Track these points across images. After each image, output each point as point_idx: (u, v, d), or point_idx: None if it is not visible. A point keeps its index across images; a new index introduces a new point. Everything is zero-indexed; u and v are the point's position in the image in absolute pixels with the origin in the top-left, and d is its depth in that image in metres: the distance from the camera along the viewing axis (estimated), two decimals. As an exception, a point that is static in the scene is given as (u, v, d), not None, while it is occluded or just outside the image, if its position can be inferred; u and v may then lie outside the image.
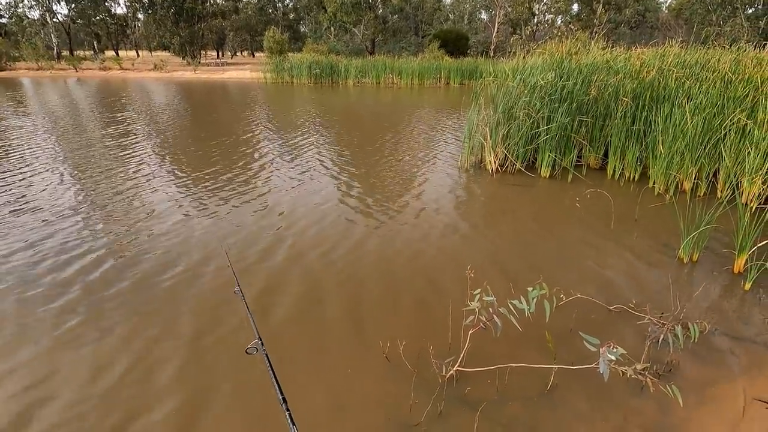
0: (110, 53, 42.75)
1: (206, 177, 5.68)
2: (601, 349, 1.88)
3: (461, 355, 2.20)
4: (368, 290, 3.08)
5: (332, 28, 32.87)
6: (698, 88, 5.29)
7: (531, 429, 1.97)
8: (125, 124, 9.79)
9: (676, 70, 5.75)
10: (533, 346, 2.46)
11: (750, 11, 25.25)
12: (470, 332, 2.15)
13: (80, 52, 41.91)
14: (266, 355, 1.57)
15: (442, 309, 2.78)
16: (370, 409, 2.07)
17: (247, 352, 1.59)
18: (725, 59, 5.91)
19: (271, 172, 6.01)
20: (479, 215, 4.62)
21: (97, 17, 42.12)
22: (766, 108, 4.71)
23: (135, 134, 8.53)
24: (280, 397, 1.36)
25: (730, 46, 6.82)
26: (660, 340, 2.35)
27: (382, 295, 3.02)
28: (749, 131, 4.75)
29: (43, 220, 4.18)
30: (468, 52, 30.90)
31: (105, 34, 43.64)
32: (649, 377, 1.93)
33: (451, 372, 2.19)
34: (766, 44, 6.86)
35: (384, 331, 2.60)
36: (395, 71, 22.27)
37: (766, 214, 3.44)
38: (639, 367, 1.98)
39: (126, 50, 51.16)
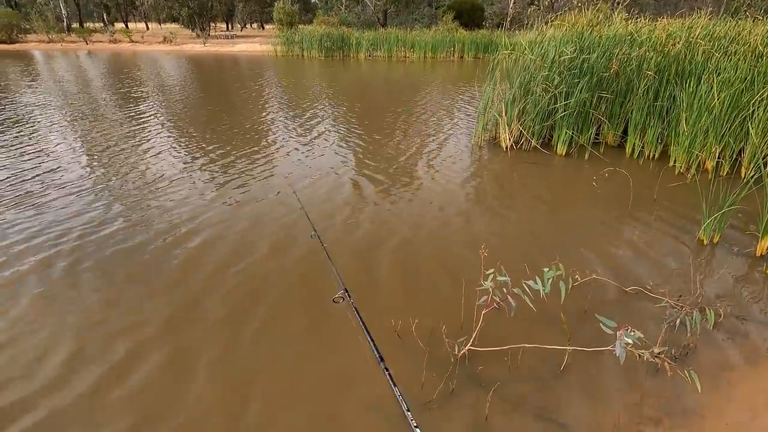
0: (119, 25, 42.34)
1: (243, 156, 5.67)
2: (618, 332, 1.84)
3: (474, 335, 2.18)
4: (377, 267, 3.06)
5: (343, -1, 32.01)
6: (727, 62, 5.04)
7: (543, 409, 1.96)
8: (148, 100, 9.77)
9: (703, 43, 5.48)
10: (547, 327, 2.44)
11: (784, -20, 23.85)
12: (483, 312, 2.12)
13: (90, 24, 41.58)
14: (354, 306, 1.62)
15: (454, 288, 2.76)
16: (380, 385, 2.07)
17: (334, 301, 1.65)
18: (757, 31, 5.61)
19: (285, 141, 5.96)
20: (493, 193, 4.54)
21: (106, -12, 41.52)
22: (799, 83, 4.48)
23: (162, 112, 8.51)
24: (378, 356, 1.40)
25: (763, 17, 6.45)
26: (677, 323, 2.31)
27: (391, 273, 3.00)
28: (779, 108, 4.54)
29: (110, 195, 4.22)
30: (483, 24, 29.91)
31: (114, 6, 43.11)
32: (666, 361, 1.90)
33: (464, 351, 2.18)
34: (801, 15, 6.48)
35: (395, 308, 2.59)
36: (408, 44, 21.72)
37: (793, 195, 3.31)
38: (656, 350, 1.95)
39: (135, 22, 50.63)
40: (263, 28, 46.53)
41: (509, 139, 5.86)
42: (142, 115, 7.85)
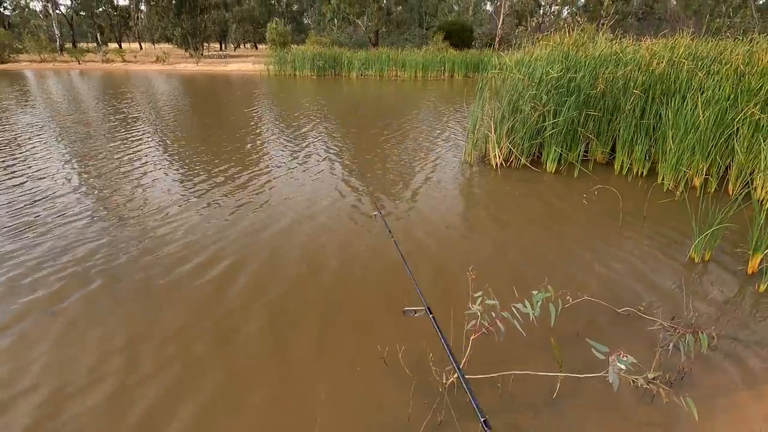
0: (113, 45, 42.62)
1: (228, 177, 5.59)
2: (610, 358, 1.78)
3: (462, 362, 2.10)
4: (362, 291, 2.98)
5: (335, 20, 32.55)
6: (710, 81, 5.12)
7: (536, 440, 1.87)
8: (140, 121, 9.71)
9: (687, 62, 5.57)
10: (538, 352, 2.36)
11: (761, 2, 24.76)
12: (472, 338, 2.04)
13: (83, 44, 41.80)
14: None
15: (441, 312, 2.67)
16: (367, 416, 1.97)
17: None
18: (738, 51, 5.72)
19: (269, 160, 5.91)
20: (482, 212, 4.50)
21: (100, 9, 41.96)
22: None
23: (154, 133, 8.45)
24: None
25: (742, 38, 6.61)
26: (671, 346, 2.24)
27: (377, 297, 2.92)
28: (763, 126, 4.60)
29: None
30: (473, 44, 30.52)
31: (108, 26, 43.51)
32: (661, 387, 1.83)
33: (452, 379, 2.09)
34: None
35: (381, 334, 2.50)
36: (399, 64, 22.03)
37: (781, 212, 3.31)
38: (650, 375, 1.88)
39: (129, 42, 51.00)
40: (257, 47, 47.05)
41: (499, 157, 5.86)
42: (136, 137, 7.78)
